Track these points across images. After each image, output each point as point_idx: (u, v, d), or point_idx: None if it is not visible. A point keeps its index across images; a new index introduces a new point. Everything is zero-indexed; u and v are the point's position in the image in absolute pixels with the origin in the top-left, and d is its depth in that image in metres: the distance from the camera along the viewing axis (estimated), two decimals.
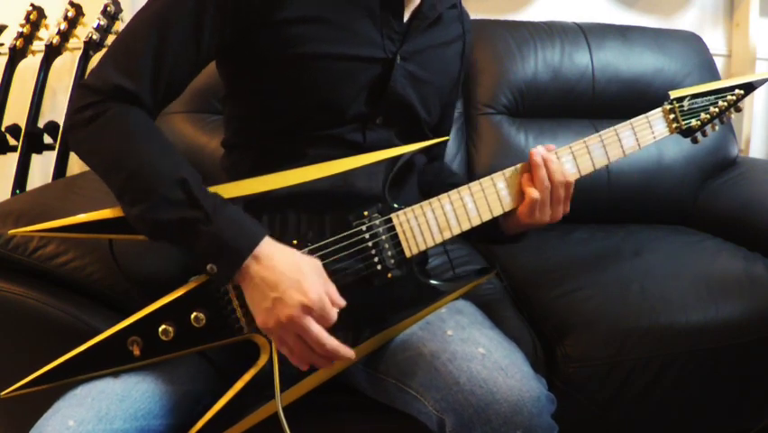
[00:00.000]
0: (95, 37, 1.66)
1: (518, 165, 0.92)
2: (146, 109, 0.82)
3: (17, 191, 1.65)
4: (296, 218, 0.82)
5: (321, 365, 0.79)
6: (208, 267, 0.75)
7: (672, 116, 1.01)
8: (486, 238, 1.03)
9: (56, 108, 1.83)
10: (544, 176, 0.89)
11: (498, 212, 0.91)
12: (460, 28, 1.02)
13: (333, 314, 0.76)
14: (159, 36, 0.80)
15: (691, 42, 1.76)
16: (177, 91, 0.86)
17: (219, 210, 0.75)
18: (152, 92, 0.81)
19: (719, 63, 1.95)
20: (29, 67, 1.73)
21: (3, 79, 1.69)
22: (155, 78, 0.81)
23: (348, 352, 0.79)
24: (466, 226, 0.89)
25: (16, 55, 1.71)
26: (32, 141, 1.68)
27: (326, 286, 0.78)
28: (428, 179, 1.07)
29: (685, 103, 1.01)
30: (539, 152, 0.90)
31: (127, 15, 1.75)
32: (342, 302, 0.78)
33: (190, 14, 0.81)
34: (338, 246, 0.83)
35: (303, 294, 0.73)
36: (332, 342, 0.76)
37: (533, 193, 0.89)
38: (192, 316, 0.79)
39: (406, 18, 0.92)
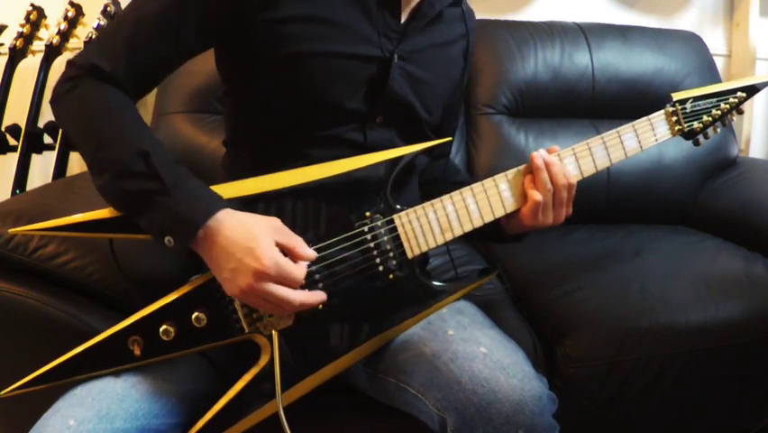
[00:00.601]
0: (95, 37, 1.66)
1: (521, 166, 0.92)
2: (121, 89, 0.83)
3: (17, 191, 1.65)
4: (297, 218, 0.82)
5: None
6: (166, 240, 0.75)
7: (674, 119, 1.01)
8: (488, 238, 1.03)
9: None
10: (546, 179, 0.89)
11: (500, 213, 0.91)
12: (463, 27, 1.01)
13: (297, 272, 0.75)
14: (139, 24, 0.83)
15: (691, 42, 1.76)
16: (154, 78, 0.87)
17: (179, 183, 0.76)
18: (127, 75, 0.83)
19: (719, 63, 1.95)
20: (29, 67, 1.72)
21: (3, 79, 1.69)
22: (130, 62, 0.83)
23: (317, 296, 0.78)
24: (468, 228, 0.89)
25: (16, 55, 1.71)
26: (32, 141, 1.68)
27: (290, 241, 0.77)
28: (433, 177, 1.07)
29: (687, 105, 1.01)
30: (540, 154, 0.90)
31: None
32: (313, 254, 0.78)
33: (173, 6, 0.83)
34: (340, 247, 0.83)
35: (256, 261, 0.73)
36: (298, 298, 0.75)
37: (536, 196, 0.89)
38: (193, 316, 0.79)
39: (404, 17, 0.92)
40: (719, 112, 1.03)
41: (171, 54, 0.85)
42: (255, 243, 0.74)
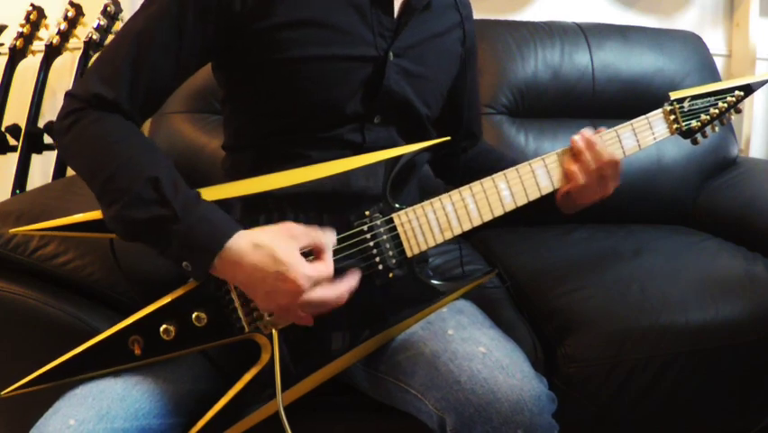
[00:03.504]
0: (95, 37, 1.66)
1: (519, 165, 0.92)
2: (125, 116, 0.82)
3: (17, 191, 1.65)
4: (296, 218, 0.82)
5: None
6: (183, 265, 0.75)
7: (672, 117, 1.01)
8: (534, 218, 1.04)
9: (56, 108, 1.79)
10: (589, 159, 0.91)
11: (498, 212, 0.91)
12: (457, 15, 1.01)
13: (326, 268, 0.76)
14: (138, 46, 0.82)
15: (691, 42, 1.76)
16: (159, 99, 0.86)
17: (190, 208, 0.75)
18: (130, 100, 0.82)
19: (719, 63, 1.95)
20: (29, 67, 1.73)
21: (3, 79, 1.69)
22: (133, 86, 0.82)
23: (351, 281, 0.79)
24: (467, 226, 0.89)
25: (16, 55, 1.71)
26: (32, 141, 1.69)
27: (310, 239, 0.77)
28: (476, 163, 1.06)
29: (685, 104, 1.02)
30: (583, 136, 0.92)
31: (127, 15, 1.75)
32: (333, 238, 0.79)
33: (171, 26, 0.82)
34: (339, 246, 0.83)
35: (291, 283, 0.73)
36: (334, 294, 0.77)
37: (580, 179, 0.91)
38: (193, 315, 0.79)
39: (396, 14, 0.92)
40: (717, 111, 1.04)
41: (174, 73, 0.84)
42: (282, 265, 0.73)
